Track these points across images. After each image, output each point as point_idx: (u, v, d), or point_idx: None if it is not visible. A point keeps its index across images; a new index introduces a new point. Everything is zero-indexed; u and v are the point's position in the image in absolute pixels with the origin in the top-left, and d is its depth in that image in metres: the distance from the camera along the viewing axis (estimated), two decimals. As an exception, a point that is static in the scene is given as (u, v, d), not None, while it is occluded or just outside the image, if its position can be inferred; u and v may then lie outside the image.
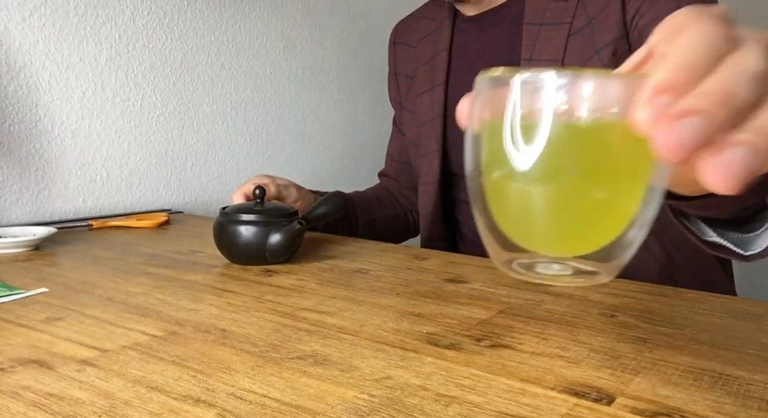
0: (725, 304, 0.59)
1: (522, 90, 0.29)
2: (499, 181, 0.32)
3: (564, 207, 0.32)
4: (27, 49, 1.02)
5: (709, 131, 0.25)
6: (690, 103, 0.25)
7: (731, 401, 0.38)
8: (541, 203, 0.32)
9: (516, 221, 0.34)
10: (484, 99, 0.32)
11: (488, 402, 0.37)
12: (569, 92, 0.29)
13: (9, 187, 1.02)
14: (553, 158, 0.30)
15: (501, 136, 0.30)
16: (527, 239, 0.34)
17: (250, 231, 0.73)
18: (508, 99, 0.30)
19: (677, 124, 0.25)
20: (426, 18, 1.07)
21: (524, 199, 0.32)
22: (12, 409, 0.36)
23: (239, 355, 0.45)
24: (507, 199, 0.33)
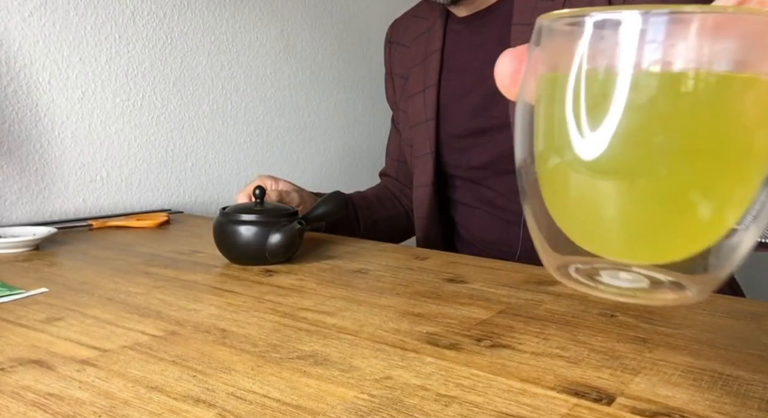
0: (725, 304, 0.59)
1: (596, 37, 0.21)
2: (561, 168, 0.24)
3: (648, 202, 0.23)
4: (27, 49, 1.02)
5: None
6: None
7: (731, 401, 0.38)
8: (615, 198, 0.24)
9: (579, 217, 0.26)
10: (543, 53, 0.24)
11: (488, 402, 0.37)
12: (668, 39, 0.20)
13: (9, 187, 1.02)
14: (640, 137, 0.22)
15: (564, 107, 0.22)
16: (592, 241, 0.26)
17: (250, 231, 0.73)
18: (576, 52, 0.22)
19: None
20: (419, 17, 1.07)
21: (593, 190, 0.24)
22: (12, 409, 0.36)
23: (239, 355, 0.45)
24: (568, 190, 0.25)
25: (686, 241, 0.25)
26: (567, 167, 0.24)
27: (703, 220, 0.24)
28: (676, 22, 0.20)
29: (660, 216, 0.23)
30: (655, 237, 0.25)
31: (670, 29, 0.20)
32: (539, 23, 0.24)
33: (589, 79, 0.22)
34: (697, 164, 0.22)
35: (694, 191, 0.23)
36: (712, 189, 0.23)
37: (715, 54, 0.20)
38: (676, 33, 0.20)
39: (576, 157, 0.23)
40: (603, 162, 0.22)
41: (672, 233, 0.24)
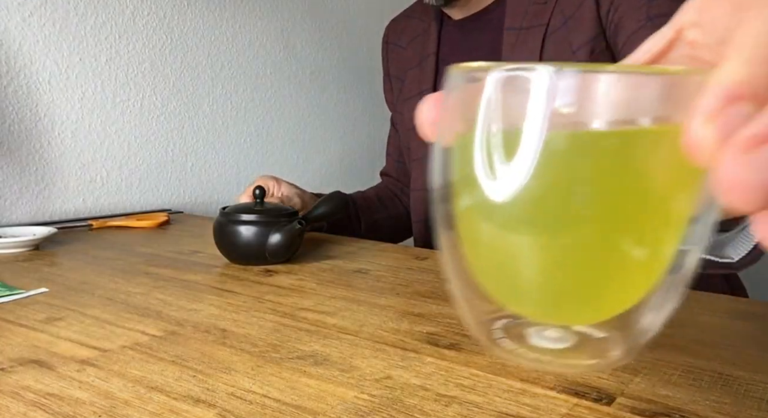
0: (725, 304, 0.59)
1: (503, 91, 0.20)
2: (472, 218, 0.23)
3: (561, 261, 0.22)
4: (27, 49, 1.02)
5: None
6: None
7: (731, 401, 0.38)
8: (528, 254, 0.22)
9: (494, 273, 0.24)
10: (455, 101, 0.23)
11: (488, 402, 0.37)
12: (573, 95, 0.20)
13: (9, 187, 1.02)
14: (547, 191, 0.20)
15: (474, 165, 0.21)
16: (509, 299, 0.25)
17: (250, 231, 0.73)
18: (482, 104, 0.21)
19: (760, 153, 0.16)
20: (415, 18, 1.07)
21: (504, 246, 0.23)
22: (12, 409, 0.36)
23: (239, 355, 0.45)
24: (481, 244, 0.24)
25: (606, 301, 0.24)
26: (481, 219, 0.23)
27: (624, 277, 0.23)
28: (585, 81, 0.20)
29: (577, 275, 0.22)
30: (573, 298, 0.23)
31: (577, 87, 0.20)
32: (450, 72, 0.23)
33: (496, 138, 0.21)
34: (613, 223, 0.21)
35: (612, 249, 0.22)
36: (628, 249, 0.22)
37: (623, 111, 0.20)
38: (584, 91, 0.20)
39: (490, 214, 0.22)
40: (517, 220, 0.21)
41: (591, 294, 0.23)
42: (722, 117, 0.17)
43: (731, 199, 0.16)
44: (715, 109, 0.17)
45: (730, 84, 0.17)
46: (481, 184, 0.21)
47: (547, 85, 0.19)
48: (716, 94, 0.17)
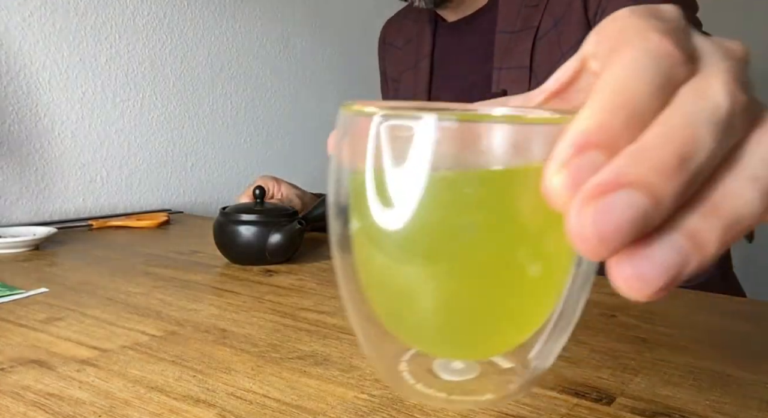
0: (725, 304, 0.59)
1: (387, 134, 0.21)
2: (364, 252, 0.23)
3: (451, 298, 0.22)
4: (27, 49, 1.02)
5: (651, 218, 0.16)
6: (624, 169, 0.16)
7: (731, 401, 0.38)
8: (417, 293, 0.22)
9: (390, 309, 0.24)
10: (346, 138, 0.24)
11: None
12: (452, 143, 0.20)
13: (9, 187, 1.02)
14: (430, 229, 0.21)
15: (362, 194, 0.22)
16: (403, 333, 0.25)
17: (250, 231, 0.73)
18: (368, 145, 0.21)
19: (603, 203, 0.16)
20: (410, 19, 1.07)
21: (395, 286, 0.23)
22: (12, 409, 0.36)
23: (239, 355, 0.45)
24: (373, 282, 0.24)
25: (501, 335, 0.24)
26: (372, 257, 0.23)
27: (514, 311, 0.23)
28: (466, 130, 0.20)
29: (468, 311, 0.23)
30: (466, 333, 0.24)
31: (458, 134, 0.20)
32: (340, 112, 0.23)
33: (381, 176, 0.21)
34: (499, 259, 0.21)
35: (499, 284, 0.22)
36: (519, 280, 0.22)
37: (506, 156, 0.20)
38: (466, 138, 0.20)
39: (379, 252, 0.22)
40: (404, 258, 0.22)
41: (484, 329, 0.23)
42: (572, 166, 0.17)
43: (579, 247, 0.16)
44: (566, 158, 0.17)
45: (582, 132, 0.17)
46: (369, 220, 0.22)
47: (427, 133, 0.20)
48: (569, 142, 0.17)
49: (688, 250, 0.16)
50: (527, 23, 0.84)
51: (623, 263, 0.17)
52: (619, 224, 0.16)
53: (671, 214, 0.16)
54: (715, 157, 0.17)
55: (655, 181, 0.16)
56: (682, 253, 0.16)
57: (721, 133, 0.17)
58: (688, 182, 0.16)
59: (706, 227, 0.17)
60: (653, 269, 0.16)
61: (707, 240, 0.17)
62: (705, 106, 0.17)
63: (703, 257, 0.17)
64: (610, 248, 0.16)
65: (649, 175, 0.16)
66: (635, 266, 0.16)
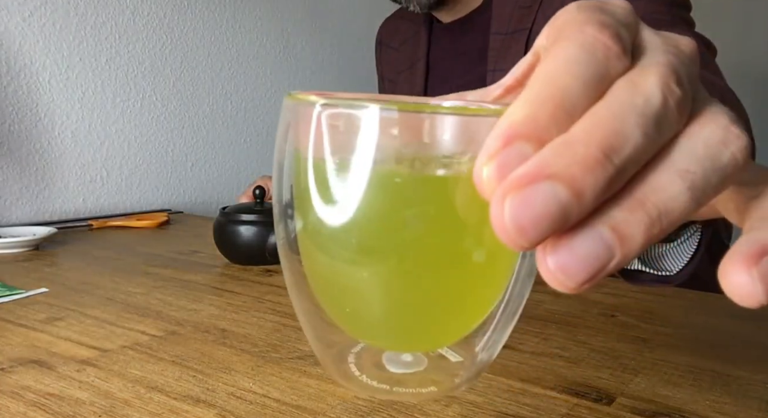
0: (725, 304, 0.59)
1: (329, 124, 0.21)
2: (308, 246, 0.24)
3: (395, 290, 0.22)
4: (27, 49, 1.02)
5: (571, 211, 0.16)
6: (547, 160, 0.16)
7: (731, 401, 0.38)
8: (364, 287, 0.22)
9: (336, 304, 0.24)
10: (290, 127, 0.24)
11: (488, 402, 0.37)
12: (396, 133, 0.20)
13: (9, 187, 1.02)
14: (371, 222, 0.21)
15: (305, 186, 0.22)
16: (351, 327, 0.25)
17: (250, 231, 0.73)
18: (311, 135, 0.21)
19: (523, 194, 0.16)
20: (406, 20, 1.07)
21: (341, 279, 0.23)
22: (12, 409, 0.36)
23: (239, 355, 0.45)
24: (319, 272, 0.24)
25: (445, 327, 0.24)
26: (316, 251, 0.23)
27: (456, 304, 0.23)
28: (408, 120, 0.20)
29: (412, 304, 0.23)
30: (411, 325, 0.24)
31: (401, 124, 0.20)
32: (284, 101, 0.23)
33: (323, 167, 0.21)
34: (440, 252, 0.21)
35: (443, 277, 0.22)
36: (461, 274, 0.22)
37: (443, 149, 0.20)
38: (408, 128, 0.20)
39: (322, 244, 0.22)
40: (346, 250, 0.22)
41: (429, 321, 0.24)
42: (499, 157, 0.17)
43: (500, 237, 0.16)
44: (495, 149, 0.17)
45: (510, 124, 0.17)
46: (312, 214, 0.22)
47: (370, 123, 0.20)
48: (498, 134, 0.17)
49: (612, 243, 0.16)
50: (520, 25, 0.84)
51: (547, 254, 0.16)
52: (537, 216, 0.16)
53: (595, 207, 0.16)
54: (644, 152, 0.17)
55: (578, 174, 0.16)
56: (606, 246, 0.16)
57: (652, 127, 0.17)
58: (613, 177, 0.16)
59: (632, 220, 0.16)
60: (576, 262, 0.16)
61: (632, 233, 0.16)
62: (636, 100, 0.17)
63: (629, 250, 0.16)
64: (530, 239, 0.16)
65: (571, 167, 0.16)
66: (558, 258, 0.16)
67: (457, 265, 0.22)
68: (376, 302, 0.23)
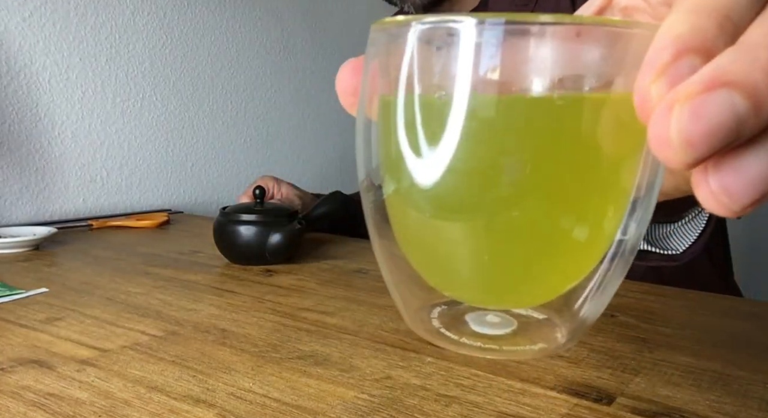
0: (725, 304, 0.59)
1: (426, 47, 0.18)
2: (404, 200, 0.21)
3: (500, 242, 0.20)
4: (27, 49, 1.02)
5: (749, 125, 0.14)
6: (726, 67, 0.14)
7: (731, 401, 0.38)
8: (465, 238, 0.20)
9: (427, 258, 0.23)
10: (376, 64, 0.20)
11: (488, 402, 0.37)
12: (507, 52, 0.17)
13: (9, 187, 1.02)
14: (478, 161, 0.18)
15: (398, 137, 0.19)
16: (445, 284, 0.23)
17: (250, 231, 0.73)
18: (404, 63, 0.18)
19: (697, 102, 0.14)
20: None
21: (435, 226, 0.21)
22: (12, 409, 0.36)
23: (239, 355, 0.45)
24: (414, 226, 0.22)
25: (548, 282, 0.22)
26: (407, 200, 0.21)
27: (563, 256, 0.21)
28: (516, 33, 0.17)
29: (516, 257, 0.21)
30: (512, 281, 0.22)
31: (509, 41, 0.17)
32: (371, 32, 0.20)
33: (420, 104, 0.18)
34: (550, 197, 0.19)
35: (552, 227, 0.20)
36: (567, 226, 0.20)
37: (564, 69, 0.18)
38: (517, 46, 0.17)
39: (415, 191, 0.20)
40: (444, 198, 0.19)
41: (531, 276, 0.22)
42: (670, 72, 0.15)
43: (659, 154, 0.15)
44: (664, 64, 0.15)
45: (678, 36, 0.15)
46: (406, 158, 0.19)
47: (474, 36, 0.17)
48: (664, 45, 0.15)
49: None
50: None
51: (709, 174, 0.15)
52: (711, 128, 0.14)
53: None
54: None
55: (761, 81, 0.14)
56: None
57: None
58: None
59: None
60: (742, 183, 0.15)
61: None
62: None
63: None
64: (696, 155, 0.14)
65: (753, 74, 0.14)
66: (722, 177, 0.15)
67: (560, 220, 0.20)
68: (472, 257, 0.21)
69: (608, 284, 0.22)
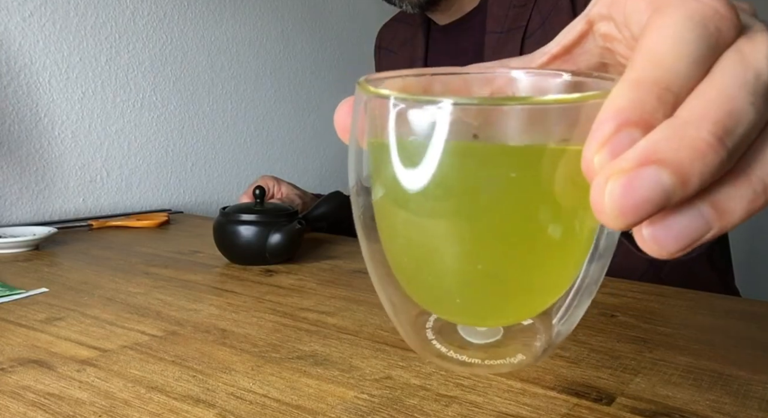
0: (725, 304, 0.59)
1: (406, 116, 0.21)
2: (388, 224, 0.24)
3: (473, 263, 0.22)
4: (27, 49, 1.02)
5: (675, 198, 0.16)
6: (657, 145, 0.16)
7: (731, 401, 0.38)
8: (440, 263, 0.23)
9: (413, 280, 0.25)
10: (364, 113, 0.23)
11: (488, 402, 0.37)
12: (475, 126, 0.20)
13: (9, 187, 1.02)
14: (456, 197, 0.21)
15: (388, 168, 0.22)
16: (433, 305, 0.25)
17: (250, 231, 0.73)
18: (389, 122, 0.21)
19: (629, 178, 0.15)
20: (404, 23, 1.07)
21: (420, 256, 0.23)
22: (12, 409, 0.36)
23: (239, 355, 0.45)
24: (399, 247, 0.24)
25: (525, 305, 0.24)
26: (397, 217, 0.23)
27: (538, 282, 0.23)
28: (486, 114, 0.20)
29: (500, 272, 0.23)
30: (490, 305, 0.24)
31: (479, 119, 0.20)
32: (357, 87, 0.23)
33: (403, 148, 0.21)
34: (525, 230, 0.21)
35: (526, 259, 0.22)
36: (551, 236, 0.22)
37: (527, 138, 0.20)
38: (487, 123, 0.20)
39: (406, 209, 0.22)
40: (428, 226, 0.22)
41: (509, 298, 0.24)
42: (611, 144, 0.16)
43: (598, 218, 0.16)
44: (605, 136, 0.16)
45: (618, 110, 0.16)
46: (392, 193, 0.22)
47: (447, 118, 0.20)
48: (606, 120, 0.17)
49: (710, 217, 0.16)
50: (516, 23, 0.85)
51: (643, 225, 0.17)
52: (639, 201, 0.15)
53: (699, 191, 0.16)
54: (756, 129, 0.16)
55: (687, 161, 0.15)
56: (704, 221, 0.16)
57: (763, 103, 0.16)
58: (724, 161, 0.15)
59: (734, 195, 0.16)
60: (670, 235, 0.16)
61: (733, 208, 0.16)
62: (747, 75, 0.16)
63: (727, 223, 0.16)
64: (628, 222, 0.16)
65: (680, 153, 0.15)
66: (653, 230, 0.16)
67: (536, 239, 0.22)
68: (454, 274, 0.23)
69: (581, 301, 0.25)
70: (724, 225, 0.16)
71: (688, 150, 0.15)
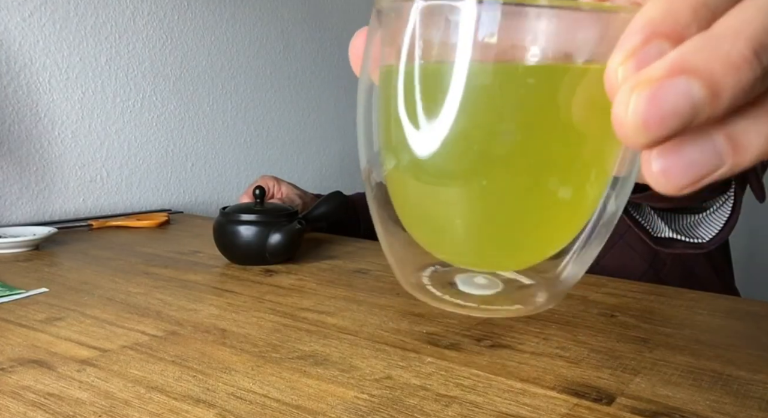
0: (725, 304, 0.59)
1: (427, 22, 0.19)
2: (400, 170, 0.23)
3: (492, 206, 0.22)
4: (27, 49, 1.02)
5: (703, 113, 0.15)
6: (689, 55, 0.15)
7: (731, 401, 0.38)
8: (458, 203, 0.22)
9: (424, 223, 0.24)
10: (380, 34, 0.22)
11: (488, 402, 0.37)
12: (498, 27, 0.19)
13: (9, 187, 1.02)
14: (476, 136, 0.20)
15: (398, 105, 0.21)
16: (437, 246, 0.25)
17: (250, 231, 0.73)
18: (405, 36, 0.20)
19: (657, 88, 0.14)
20: None
21: (434, 195, 0.22)
22: (12, 409, 0.36)
23: (239, 355, 0.45)
24: (409, 192, 0.23)
25: (536, 246, 0.23)
26: (406, 169, 0.22)
27: (551, 221, 0.22)
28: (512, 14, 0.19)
29: (506, 221, 0.22)
30: (502, 244, 0.23)
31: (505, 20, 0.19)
32: (376, 5, 0.22)
33: (419, 74, 0.20)
34: (538, 163, 0.20)
35: (540, 191, 0.21)
36: (554, 190, 0.21)
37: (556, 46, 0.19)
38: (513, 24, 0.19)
39: (414, 159, 0.21)
40: (441, 164, 0.21)
41: (521, 239, 0.23)
42: (639, 55, 0.15)
43: (619, 133, 0.15)
44: (633, 47, 0.16)
45: (649, 20, 0.16)
46: (404, 123, 0.21)
47: (472, 15, 0.18)
48: (635, 30, 0.16)
49: (724, 151, 0.15)
50: None
51: (653, 156, 0.16)
52: (667, 113, 0.14)
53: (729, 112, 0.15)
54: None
55: (720, 72, 0.14)
56: (717, 154, 0.15)
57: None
58: (759, 78, 0.14)
59: (752, 130, 0.15)
60: (681, 168, 0.15)
61: (749, 143, 0.15)
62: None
63: (741, 160, 0.15)
64: (652, 137, 0.15)
65: (713, 64, 0.14)
66: (664, 161, 0.16)
67: (547, 183, 0.21)
68: (465, 217, 0.22)
69: (588, 250, 0.23)
70: (736, 161, 0.15)
71: (721, 62, 0.14)
